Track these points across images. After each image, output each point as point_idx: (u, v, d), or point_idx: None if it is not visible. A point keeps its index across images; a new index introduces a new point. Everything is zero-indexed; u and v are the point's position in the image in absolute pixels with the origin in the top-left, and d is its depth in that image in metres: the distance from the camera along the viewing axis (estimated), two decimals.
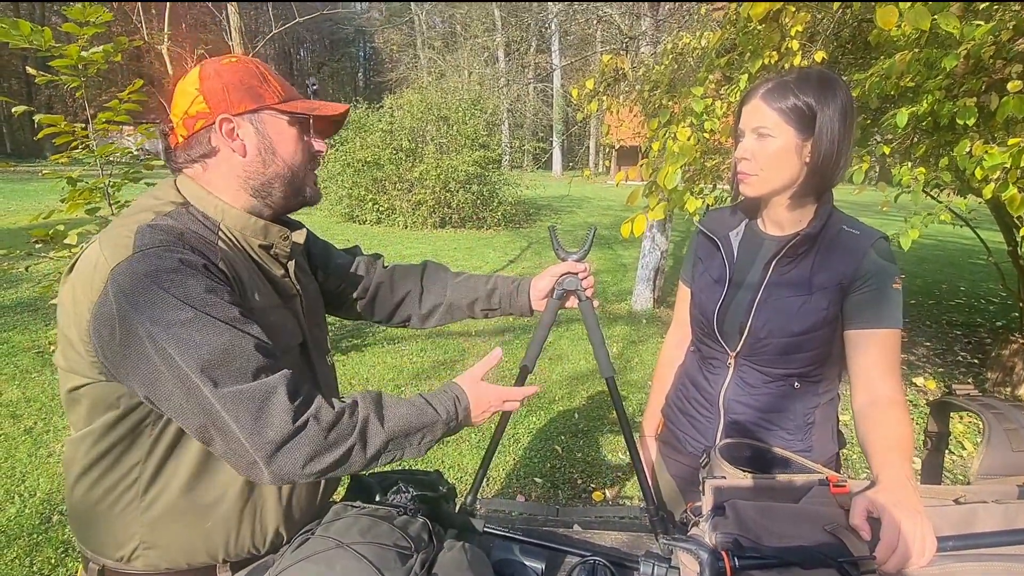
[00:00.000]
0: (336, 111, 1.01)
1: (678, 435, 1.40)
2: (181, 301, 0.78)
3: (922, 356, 4.96)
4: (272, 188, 0.98)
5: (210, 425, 0.79)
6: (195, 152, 0.94)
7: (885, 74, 2.35)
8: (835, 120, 1.10)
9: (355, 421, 0.86)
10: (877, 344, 1.13)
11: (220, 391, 0.78)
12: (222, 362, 0.78)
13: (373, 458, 0.88)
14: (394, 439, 0.90)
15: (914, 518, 0.86)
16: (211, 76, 0.93)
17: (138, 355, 0.78)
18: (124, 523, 0.90)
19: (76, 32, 2.89)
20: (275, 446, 0.78)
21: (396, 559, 0.84)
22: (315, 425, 0.81)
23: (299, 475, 0.81)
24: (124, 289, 0.78)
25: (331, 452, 0.82)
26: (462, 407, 1.00)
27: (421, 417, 0.93)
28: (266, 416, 0.79)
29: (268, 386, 0.80)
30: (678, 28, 4.86)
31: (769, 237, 1.26)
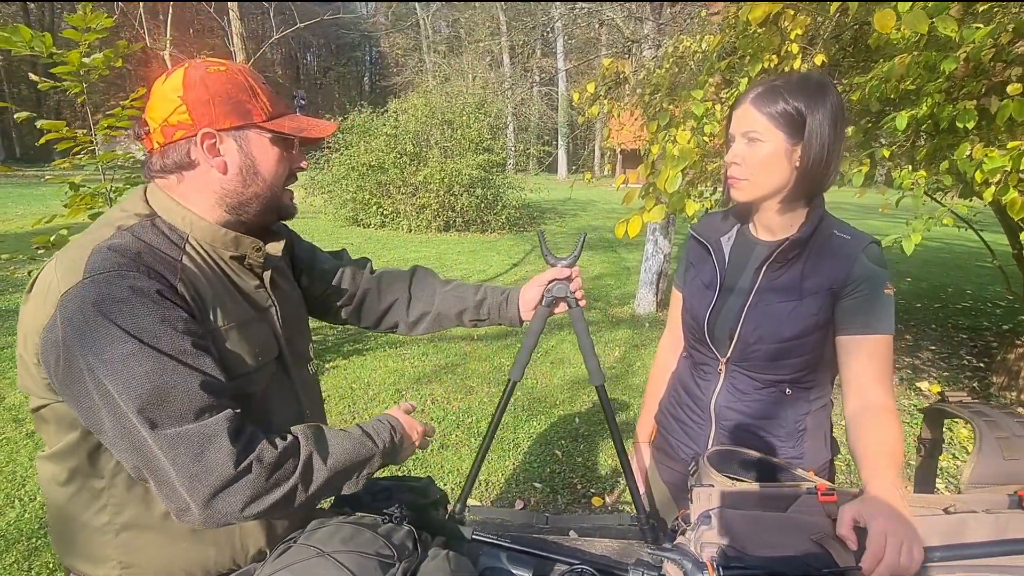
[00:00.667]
0: (324, 133, 0.97)
1: (671, 441, 1.39)
2: (126, 332, 0.75)
3: (927, 360, 4.92)
4: (249, 206, 0.95)
5: (143, 467, 0.77)
6: (171, 162, 0.90)
7: (884, 77, 2.34)
8: (825, 125, 1.09)
9: (298, 461, 0.85)
10: (868, 350, 1.12)
11: (158, 433, 0.75)
12: (162, 402, 0.75)
13: (313, 496, 0.87)
14: (336, 476, 0.89)
15: (901, 528, 0.85)
16: (196, 85, 0.87)
17: (79, 387, 0.76)
18: (99, 544, 0.89)
19: (78, 38, 2.92)
20: (213, 490, 0.76)
21: (377, 568, 0.84)
22: (258, 467, 0.79)
23: (237, 518, 0.79)
24: (70, 317, 0.75)
25: (272, 493, 0.81)
26: (398, 436, 1.03)
27: (360, 450, 0.94)
28: (206, 460, 0.76)
29: (209, 429, 0.77)
30: (679, 32, 4.86)
31: (760, 242, 1.25)
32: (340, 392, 4.00)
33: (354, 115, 12.32)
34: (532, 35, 16.19)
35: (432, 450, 3.29)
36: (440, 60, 28.33)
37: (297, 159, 1.00)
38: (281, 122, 0.93)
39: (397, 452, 1.03)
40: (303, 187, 12.95)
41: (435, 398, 3.97)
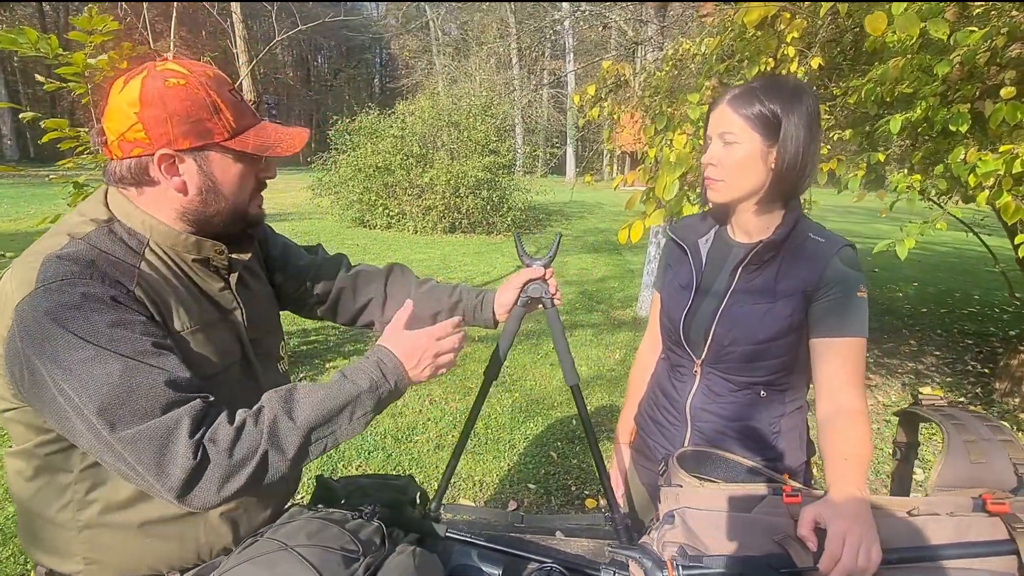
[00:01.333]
0: (292, 150, 0.93)
1: (648, 443, 1.40)
2: (81, 339, 0.75)
3: (931, 365, 4.89)
4: (212, 222, 0.94)
5: (119, 463, 0.77)
6: (129, 176, 0.88)
7: (879, 80, 2.34)
8: (800, 128, 1.10)
9: (261, 428, 0.82)
10: (840, 353, 1.12)
11: (118, 434, 0.75)
12: (122, 402, 0.75)
13: (297, 457, 0.84)
14: (314, 429, 0.85)
15: (859, 529, 0.85)
16: (153, 102, 0.83)
17: (45, 394, 0.77)
18: (64, 539, 0.90)
19: (84, 40, 2.96)
20: (182, 483, 0.75)
21: (340, 562, 0.85)
22: (214, 449, 0.78)
23: (218, 501, 0.78)
24: (26, 327, 0.76)
25: (243, 468, 0.79)
26: (390, 368, 0.93)
27: (338, 397, 0.87)
28: (169, 456, 0.75)
29: (170, 422, 0.76)
30: (681, 34, 4.85)
31: (737, 244, 1.26)
32: None
33: (361, 117, 12.38)
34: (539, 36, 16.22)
35: (428, 450, 3.30)
36: (449, 63, 28.44)
37: (265, 169, 0.98)
38: (245, 139, 0.90)
39: (395, 382, 0.94)
40: (310, 188, 13.05)
41: (433, 399, 3.98)
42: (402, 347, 0.96)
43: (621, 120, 4.21)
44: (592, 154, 14.31)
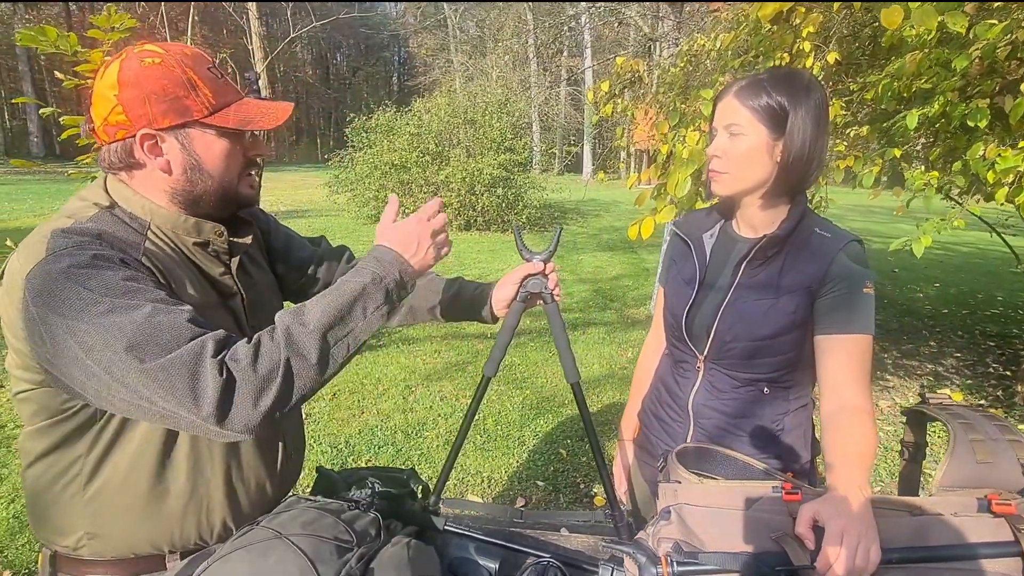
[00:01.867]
0: (274, 123, 0.92)
1: (651, 439, 1.39)
2: (98, 294, 0.75)
3: (951, 367, 4.79)
4: (201, 202, 0.94)
5: (153, 405, 0.76)
6: (117, 160, 0.89)
7: (896, 75, 2.29)
8: (807, 120, 1.08)
9: (277, 340, 0.81)
10: (845, 350, 1.10)
11: (147, 366, 0.74)
12: (148, 338, 0.75)
13: (321, 361, 0.83)
14: (329, 329, 0.84)
15: (858, 528, 0.84)
16: (130, 83, 0.84)
17: (68, 354, 0.76)
18: (69, 514, 0.92)
19: (102, 38, 3.00)
20: (216, 405, 0.74)
21: (333, 552, 0.85)
22: (236, 367, 0.77)
23: (258, 419, 0.77)
24: (39, 291, 0.76)
25: (271, 381, 0.78)
26: (388, 260, 0.93)
27: (344, 295, 0.87)
28: (200, 381, 0.75)
29: (197, 347, 0.76)
30: (696, 30, 4.81)
31: (742, 239, 1.24)
32: (350, 387, 4.05)
33: (378, 114, 12.44)
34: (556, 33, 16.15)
35: (437, 445, 3.31)
36: (466, 60, 28.47)
37: (251, 147, 0.97)
38: (226, 115, 0.90)
39: (400, 271, 0.93)
40: (327, 185, 13.14)
41: (444, 395, 3.99)
42: (395, 238, 0.96)
43: (636, 117, 4.18)
44: (608, 152, 14.23)
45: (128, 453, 0.90)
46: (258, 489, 1.04)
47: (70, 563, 0.95)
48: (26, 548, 2.33)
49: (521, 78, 23.16)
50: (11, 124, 30.23)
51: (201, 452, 0.95)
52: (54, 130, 27.04)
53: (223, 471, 0.98)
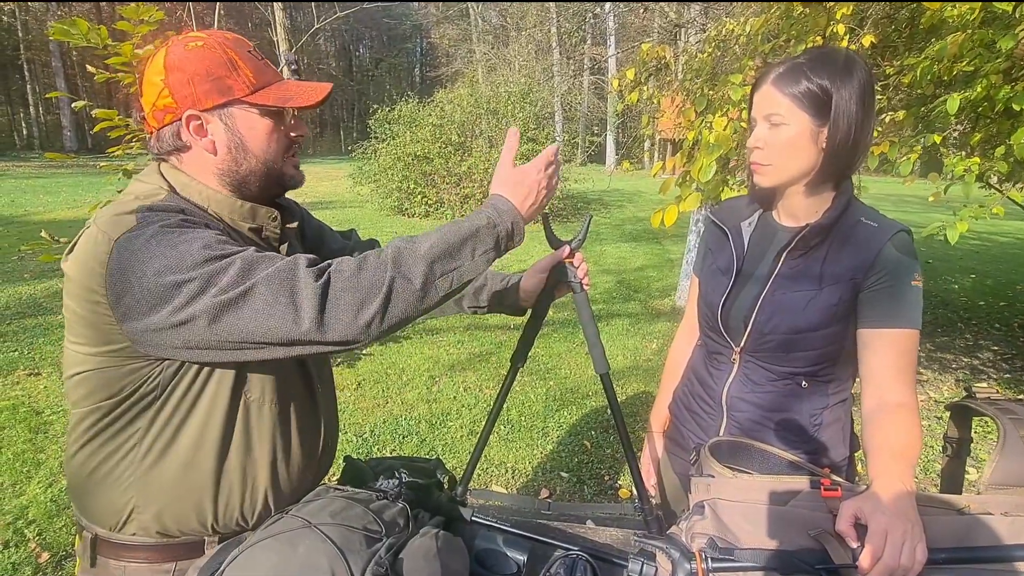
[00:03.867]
0: (313, 99, 0.93)
1: (683, 432, 1.36)
2: (192, 243, 0.79)
3: (987, 361, 4.66)
4: (248, 183, 0.96)
5: (253, 324, 0.78)
6: (166, 145, 0.92)
7: (937, 57, 2.21)
8: (852, 102, 1.04)
9: (385, 258, 0.83)
10: (890, 344, 1.05)
11: (254, 278, 0.78)
12: (253, 263, 0.80)
13: (424, 288, 0.84)
14: (437, 261, 0.85)
15: (903, 526, 0.80)
16: (176, 66, 0.87)
17: (168, 301, 0.78)
18: (121, 487, 0.92)
19: (130, 30, 3.03)
20: (316, 310, 0.77)
21: (362, 542, 0.85)
22: (338, 276, 0.80)
23: (358, 330, 0.80)
24: (136, 249, 0.79)
25: (374, 295, 0.80)
26: (504, 210, 0.93)
27: (457, 233, 0.87)
28: (299, 288, 0.78)
29: (291, 262, 0.81)
30: (725, 14, 4.70)
31: (783, 228, 1.20)
32: (375, 377, 4.08)
33: (401, 106, 12.46)
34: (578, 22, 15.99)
35: (461, 436, 3.32)
36: (488, 50, 28.35)
37: (293, 127, 0.99)
38: (266, 93, 0.92)
39: (512, 219, 0.93)
40: (351, 176, 13.23)
41: (467, 385, 4.00)
42: (512, 186, 0.96)
43: (661, 105, 4.12)
44: (632, 141, 14.06)
45: (188, 431, 0.91)
46: (299, 472, 1.04)
47: (111, 547, 0.96)
48: (63, 531, 2.39)
49: (544, 67, 23.01)
50: (45, 119, 30.98)
51: (252, 430, 0.96)
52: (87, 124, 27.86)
53: (269, 451, 0.99)
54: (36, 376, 3.91)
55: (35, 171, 17.97)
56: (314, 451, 1.09)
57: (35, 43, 27.55)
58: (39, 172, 17.67)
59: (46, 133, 30.47)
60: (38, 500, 2.59)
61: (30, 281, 6.03)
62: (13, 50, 28.23)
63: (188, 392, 0.90)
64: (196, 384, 0.90)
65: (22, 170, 18.23)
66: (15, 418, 3.34)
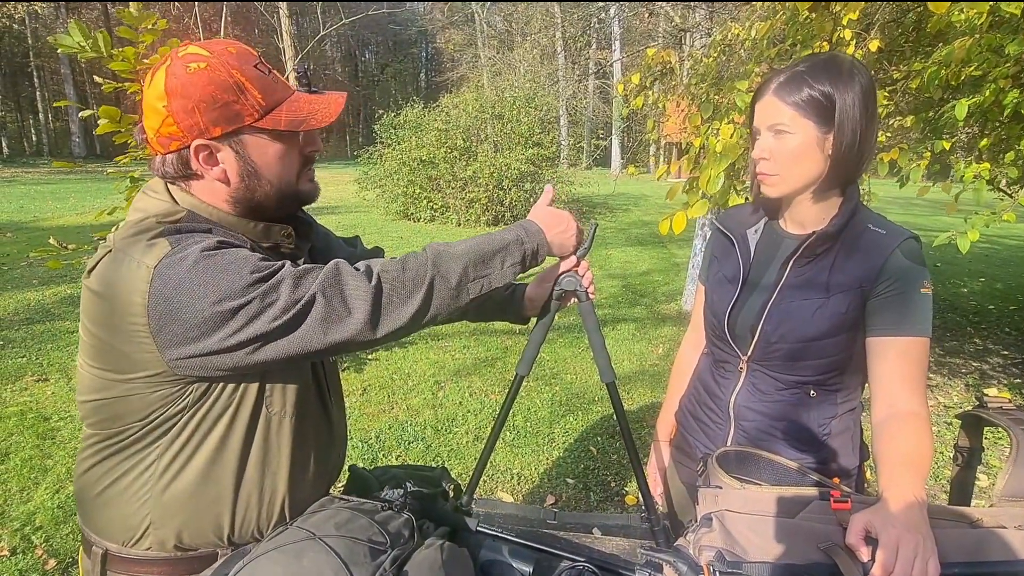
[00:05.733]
0: (327, 119, 0.90)
1: (689, 441, 1.35)
2: (238, 262, 0.80)
3: (996, 366, 4.62)
4: (264, 207, 0.94)
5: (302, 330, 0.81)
6: (174, 171, 0.88)
7: (944, 62, 2.19)
8: (855, 107, 1.03)
9: (425, 258, 0.89)
10: (899, 352, 1.04)
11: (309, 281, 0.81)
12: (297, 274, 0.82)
13: (459, 287, 0.90)
14: (471, 265, 0.92)
15: (915, 540, 0.79)
16: (177, 92, 0.82)
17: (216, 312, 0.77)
18: (137, 503, 0.91)
19: (133, 37, 3.03)
20: (370, 305, 0.82)
21: (367, 554, 0.84)
22: (386, 275, 0.85)
23: (406, 320, 0.86)
24: (180, 279, 0.77)
25: (418, 290, 0.86)
26: (533, 230, 1.01)
27: (490, 243, 0.95)
28: (349, 283, 0.83)
29: (333, 265, 0.84)
30: (730, 19, 4.69)
31: (789, 236, 1.19)
32: (380, 382, 4.08)
33: (406, 111, 12.50)
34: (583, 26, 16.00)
35: (467, 442, 3.31)
36: (494, 55, 28.42)
37: (308, 144, 0.96)
38: (278, 115, 0.87)
39: (538, 242, 1.01)
40: (356, 181, 13.25)
41: (473, 391, 3.99)
42: (544, 217, 1.05)
43: (666, 109, 4.10)
44: (637, 145, 14.05)
45: (208, 445, 0.90)
46: (314, 482, 1.04)
47: (123, 563, 0.94)
48: (70, 538, 2.40)
49: (549, 72, 23.04)
50: (54, 125, 31.23)
51: (271, 443, 0.95)
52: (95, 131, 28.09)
53: (288, 463, 0.98)
54: (44, 382, 3.93)
55: (44, 177, 18.12)
56: (328, 461, 1.09)
57: (44, 50, 27.79)
58: (48, 178, 17.81)
59: (55, 139, 30.71)
60: (45, 506, 2.59)
61: (38, 287, 6.06)
62: (23, 57, 28.51)
63: (212, 409, 0.89)
64: (220, 401, 0.89)
65: (31, 176, 18.39)
66: (23, 424, 3.35)
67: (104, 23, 26.78)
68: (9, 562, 2.26)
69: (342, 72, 43.88)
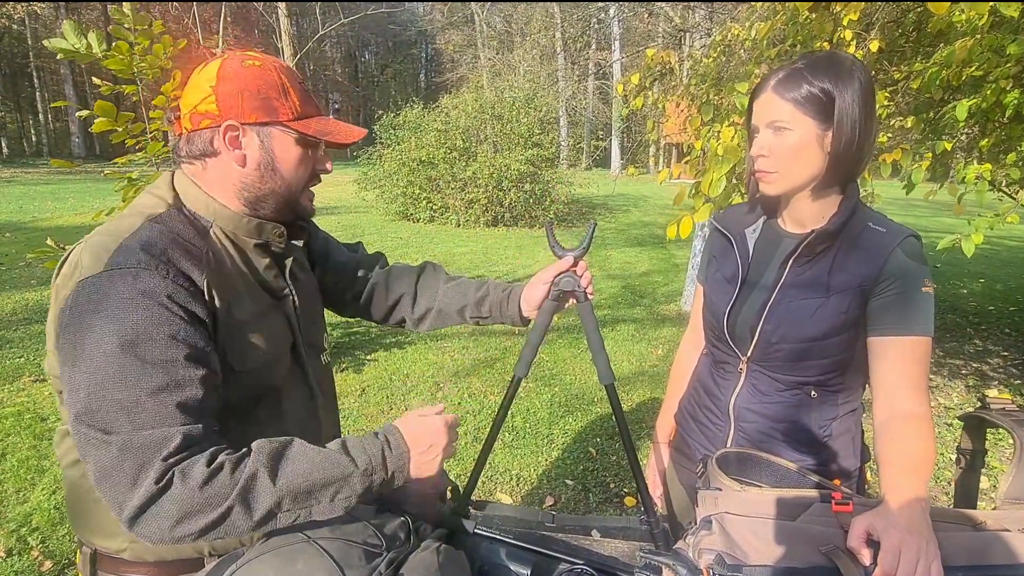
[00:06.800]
0: (350, 139, 0.97)
1: (689, 442, 1.34)
2: (118, 334, 0.76)
3: (997, 367, 4.61)
4: (265, 202, 0.96)
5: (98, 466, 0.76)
6: (195, 148, 0.92)
7: (945, 63, 2.19)
8: (855, 104, 1.02)
9: (237, 478, 0.77)
10: (901, 353, 1.03)
11: (109, 437, 0.75)
12: (119, 411, 0.75)
13: (263, 520, 0.79)
14: (289, 497, 0.80)
15: (918, 543, 0.78)
16: (229, 78, 0.89)
17: (65, 369, 0.79)
18: (112, 519, 0.88)
19: (127, 37, 3.01)
20: (138, 507, 0.74)
21: (361, 556, 0.83)
22: (181, 482, 0.75)
23: (168, 539, 0.75)
24: (78, 305, 0.78)
25: (204, 513, 0.75)
26: (394, 453, 0.89)
27: (329, 470, 0.82)
28: (144, 476, 0.74)
29: (158, 440, 0.76)
30: (730, 19, 4.69)
31: (788, 235, 1.18)
32: (379, 383, 4.07)
33: (406, 111, 12.50)
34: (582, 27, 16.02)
35: (466, 443, 3.30)
36: (493, 56, 28.44)
37: (322, 161, 1.00)
38: (308, 123, 0.93)
39: (392, 468, 0.89)
40: (356, 182, 13.25)
41: (472, 392, 3.98)
42: (414, 432, 0.92)
43: (666, 110, 4.10)
44: (637, 146, 14.05)
45: None
46: None
47: (111, 562, 0.95)
48: (66, 539, 2.38)
49: (548, 72, 23.06)
50: (54, 125, 31.21)
51: None
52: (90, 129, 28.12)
53: None
54: (42, 383, 3.92)
55: (43, 177, 18.11)
56: None
57: (44, 50, 27.73)
58: (47, 178, 17.80)
59: (54, 139, 30.70)
60: (42, 507, 2.58)
61: (36, 287, 6.05)
62: (23, 57, 28.50)
63: None
64: None
65: (31, 176, 18.38)
66: (20, 424, 3.34)
67: (104, 23, 26.75)
68: (5, 564, 2.25)
69: (342, 73, 43.88)
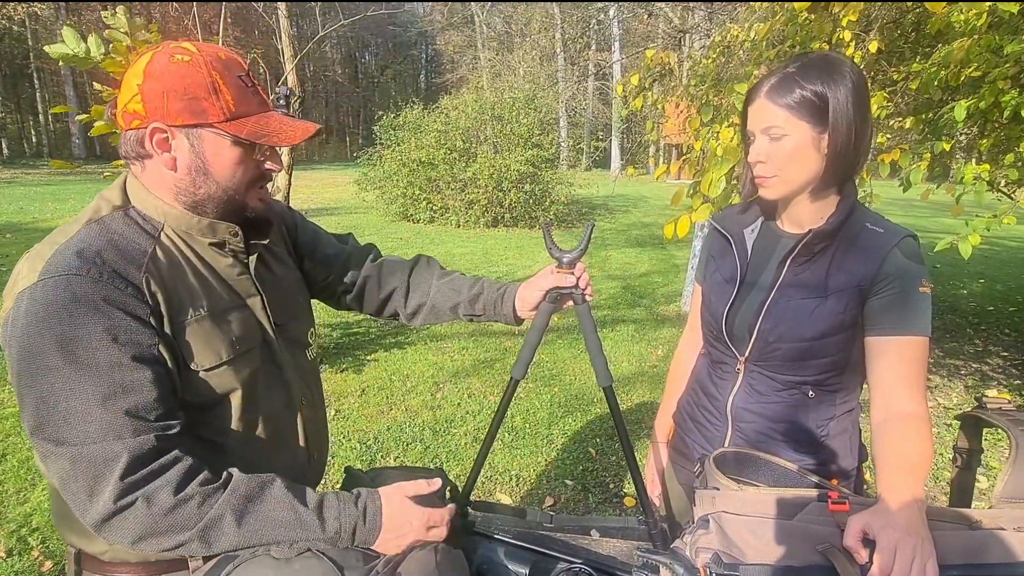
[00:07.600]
0: (292, 140, 0.90)
1: (687, 442, 1.34)
2: (58, 344, 0.76)
3: (996, 367, 4.61)
4: (205, 205, 0.92)
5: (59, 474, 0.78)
6: (130, 149, 0.88)
7: (943, 63, 2.19)
8: (848, 104, 1.03)
9: (203, 513, 0.79)
10: (898, 352, 1.04)
11: (60, 449, 0.76)
12: (67, 420, 0.76)
13: (219, 553, 0.82)
14: (251, 544, 0.82)
15: (913, 542, 0.79)
16: (154, 75, 0.83)
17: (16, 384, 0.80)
18: None
19: (121, 38, 3.00)
20: (98, 521, 0.77)
21: (359, 557, 0.84)
22: (144, 507, 0.77)
23: (130, 548, 0.79)
24: (15, 320, 0.78)
25: (166, 537, 0.78)
26: (367, 527, 0.87)
27: (295, 530, 0.82)
28: (99, 489, 0.76)
29: (111, 451, 0.76)
30: (729, 20, 4.69)
31: (786, 235, 1.18)
32: (379, 384, 4.07)
33: (406, 112, 12.51)
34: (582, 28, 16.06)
35: (465, 443, 3.30)
36: (493, 57, 28.45)
37: (267, 159, 0.95)
38: (241, 124, 0.87)
39: (358, 542, 0.87)
40: (356, 183, 13.24)
41: (472, 392, 3.98)
42: (394, 513, 0.90)
43: (666, 111, 4.10)
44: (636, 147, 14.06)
45: None
46: None
47: (94, 562, 0.95)
48: (59, 543, 2.38)
49: (548, 73, 23.09)
50: (54, 126, 31.22)
51: (228, 457, 0.93)
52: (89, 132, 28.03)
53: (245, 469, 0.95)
54: None
55: (44, 178, 18.11)
56: (299, 468, 1.07)
57: (44, 52, 27.74)
58: (48, 179, 17.80)
59: (55, 141, 30.68)
60: (42, 508, 2.58)
61: None
62: (23, 59, 28.50)
63: None
64: None
65: (31, 177, 18.38)
66: (20, 425, 3.34)
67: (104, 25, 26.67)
68: (5, 564, 2.25)
69: (342, 74, 43.89)
